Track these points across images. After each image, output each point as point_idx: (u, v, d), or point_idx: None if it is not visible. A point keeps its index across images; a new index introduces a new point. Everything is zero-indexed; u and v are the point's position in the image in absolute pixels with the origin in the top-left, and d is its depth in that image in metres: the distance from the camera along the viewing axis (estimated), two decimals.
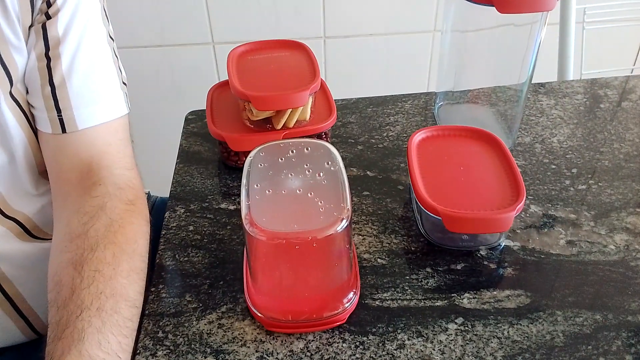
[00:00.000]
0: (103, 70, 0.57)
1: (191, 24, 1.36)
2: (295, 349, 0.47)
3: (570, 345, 0.47)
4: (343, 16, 1.39)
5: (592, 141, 0.72)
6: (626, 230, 0.58)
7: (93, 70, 0.56)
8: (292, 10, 1.37)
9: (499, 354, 0.46)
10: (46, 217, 0.62)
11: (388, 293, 0.52)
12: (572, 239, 0.57)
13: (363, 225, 0.59)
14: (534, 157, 0.69)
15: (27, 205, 0.60)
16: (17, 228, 0.59)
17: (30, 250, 0.61)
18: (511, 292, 0.52)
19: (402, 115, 0.78)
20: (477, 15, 0.65)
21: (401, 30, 1.43)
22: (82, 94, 0.55)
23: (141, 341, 0.48)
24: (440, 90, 0.76)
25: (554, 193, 0.63)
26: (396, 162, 0.69)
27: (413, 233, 0.59)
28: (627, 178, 0.65)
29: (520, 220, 0.60)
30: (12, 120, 0.54)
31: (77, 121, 0.54)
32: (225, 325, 0.49)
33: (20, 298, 0.61)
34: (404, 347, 0.47)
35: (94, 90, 0.56)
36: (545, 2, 0.58)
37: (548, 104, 0.80)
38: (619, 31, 1.31)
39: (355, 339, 0.48)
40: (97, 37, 0.57)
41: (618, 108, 0.80)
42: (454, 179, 0.57)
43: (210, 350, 0.47)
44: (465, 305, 0.51)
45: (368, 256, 0.56)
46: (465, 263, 0.55)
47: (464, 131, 0.63)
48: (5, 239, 0.58)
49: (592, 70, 1.21)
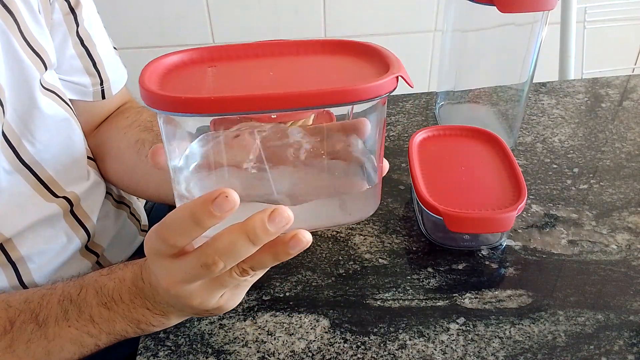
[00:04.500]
0: (106, 37, 0.64)
1: (191, 24, 1.36)
2: (297, 349, 0.47)
3: (572, 345, 0.47)
4: (344, 16, 1.39)
5: (594, 140, 0.72)
6: (628, 229, 0.58)
7: (105, 38, 0.63)
8: (293, 11, 1.37)
9: (500, 354, 0.46)
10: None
11: (389, 293, 0.52)
12: (574, 238, 0.57)
13: (364, 225, 0.59)
14: (535, 156, 0.69)
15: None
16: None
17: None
18: (513, 292, 0.52)
19: (403, 115, 0.78)
20: (478, 14, 0.65)
21: (402, 30, 1.43)
22: (109, 60, 0.63)
23: (142, 341, 0.48)
24: (441, 90, 0.76)
25: (556, 192, 0.63)
26: (397, 161, 0.69)
27: (414, 233, 0.59)
28: (628, 177, 0.65)
29: (521, 220, 0.60)
30: (61, 106, 0.56)
31: (112, 89, 0.64)
32: (226, 325, 0.49)
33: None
34: (405, 347, 0.47)
35: (113, 56, 0.65)
36: (546, 1, 0.58)
37: (549, 104, 0.80)
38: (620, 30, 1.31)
39: (357, 339, 0.48)
40: (92, 4, 0.62)
41: (619, 107, 0.80)
42: (455, 179, 0.57)
43: (211, 350, 0.47)
44: (467, 305, 0.51)
45: (369, 256, 0.56)
46: (467, 263, 0.55)
47: (465, 131, 0.63)
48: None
49: (593, 70, 1.21)
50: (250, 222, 0.32)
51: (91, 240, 0.60)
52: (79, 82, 0.60)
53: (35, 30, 0.52)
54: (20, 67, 0.50)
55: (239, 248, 0.32)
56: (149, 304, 0.42)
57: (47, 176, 0.54)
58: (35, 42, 0.52)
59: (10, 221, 0.51)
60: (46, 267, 0.55)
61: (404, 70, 0.33)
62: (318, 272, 0.54)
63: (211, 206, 0.30)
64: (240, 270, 0.35)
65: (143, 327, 0.43)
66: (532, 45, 0.64)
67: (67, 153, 0.57)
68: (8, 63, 0.49)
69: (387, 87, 0.32)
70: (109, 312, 0.43)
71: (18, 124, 0.51)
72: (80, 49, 0.59)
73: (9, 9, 0.49)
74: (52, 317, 0.43)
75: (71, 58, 0.58)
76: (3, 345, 0.43)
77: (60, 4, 0.55)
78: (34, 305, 0.44)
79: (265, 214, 0.32)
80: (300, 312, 0.50)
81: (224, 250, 0.33)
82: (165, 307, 0.42)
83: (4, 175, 0.50)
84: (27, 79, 0.50)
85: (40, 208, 0.54)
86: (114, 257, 0.65)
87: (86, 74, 0.60)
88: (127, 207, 0.70)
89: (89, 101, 0.62)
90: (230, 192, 0.30)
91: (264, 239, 0.32)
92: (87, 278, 0.45)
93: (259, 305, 0.51)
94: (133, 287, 0.42)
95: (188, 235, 0.33)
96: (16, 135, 0.51)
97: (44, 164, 0.54)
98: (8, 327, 0.44)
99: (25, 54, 0.50)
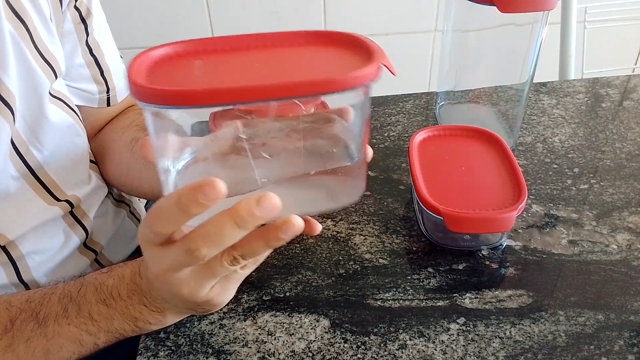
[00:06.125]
0: (114, 46, 0.65)
1: (191, 24, 1.36)
2: (297, 349, 0.47)
3: (572, 345, 0.47)
4: (344, 16, 1.39)
5: (594, 140, 0.72)
6: (628, 229, 0.58)
7: (113, 46, 0.64)
8: (293, 11, 1.37)
9: (500, 354, 0.46)
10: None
11: (390, 293, 0.52)
12: (574, 238, 0.57)
13: (364, 225, 0.59)
14: (536, 156, 0.69)
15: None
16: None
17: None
18: (513, 292, 0.52)
19: (403, 115, 0.78)
20: (478, 14, 0.65)
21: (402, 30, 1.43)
22: (116, 70, 0.63)
23: (143, 342, 0.48)
24: (442, 90, 0.76)
25: (556, 192, 0.63)
26: (397, 162, 0.69)
27: (414, 233, 0.59)
28: (629, 177, 0.65)
29: (521, 220, 0.60)
30: (67, 113, 0.56)
31: (117, 97, 0.65)
32: (226, 325, 0.49)
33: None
34: (405, 348, 0.47)
35: (120, 64, 0.65)
36: (546, 1, 0.58)
37: (549, 104, 0.80)
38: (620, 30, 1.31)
39: (357, 339, 0.48)
40: (102, 14, 0.62)
41: (619, 107, 0.80)
42: (456, 179, 0.57)
43: (211, 350, 0.47)
44: (467, 305, 0.51)
45: (369, 256, 0.56)
46: (467, 263, 0.55)
47: (465, 131, 0.63)
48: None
49: (594, 70, 1.21)
50: (236, 206, 0.32)
51: (89, 237, 0.60)
52: (85, 90, 0.60)
53: (47, 39, 0.52)
54: (31, 75, 0.50)
55: (225, 232, 0.32)
56: (146, 300, 0.42)
57: (50, 181, 0.55)
58: (46, 51, 0.52)
59: (13, 224, 0.52)
60: (45, 264, 0.56)
61: (387, 59, 0.34)
62: (318, 272, 0.54)
63: (198, 193, 0.31)
64: (231, 259, 0.35)
65: (140, 325, 0.43)
66: (532, 45, 0.64)
67: (71, 158, 0.57)
68: (20, 72, 0.49)
69: (370, 76, 0.32)
70: (108, 309, 0.43)
71: (26, 132, 0.51)
72: (88, 57, 0.59)
73: (21, 18, 0.49)
74: (52, 315, 0.43)
75: (79, 66, 0.59)
76: (4, 344, 0.43)
77: (71, 14, 0.56)
78: (34, 304, 0.44)
79: (252, 198, 0.32)
80: (301, 312, 0.50)
81: (209, 234, 0.33)
82: (161, 303, 0.42)
83: (11, 181, 0.51)
84: (37, 88, 0.51)
85: (42, 211, 0.54)
86: (113, 255, 0.65)
87: (93, 82, 0.61)
88: (126, 205, 0.70)
89: (94, 107, 0.63)
90: (217, 181, 0.31)
91: (250, 223, 0.32)
92: (88, 276, 0.45)
93: (259, 305, 0.51)
94: (131, 283, 0.42)
95: (173, 222, 0.33)
96: (24, 143, 0.51)
97: (48, 169, 0.54)
98: (9, 326, 0.44)
99: (36, 62, 0.50)
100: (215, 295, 0.39)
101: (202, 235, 0.33)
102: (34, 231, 0.53)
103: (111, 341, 0.44)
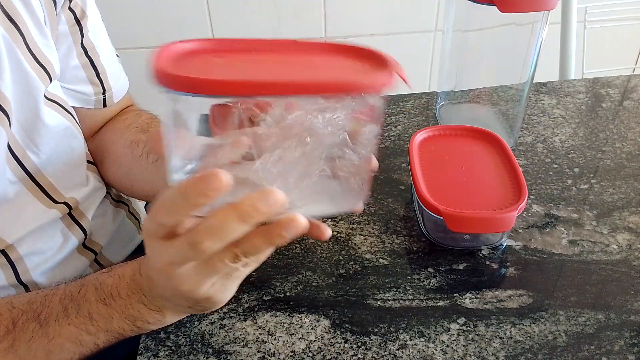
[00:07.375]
0: (110, 47, 0.64)
1: (192, 25, 1.36)
2: (297, 349, 0.47)
3: (572, 345, 0.47)
4: (344, 16, 1.39)
5: (594, 140, 0.72)
6: (628, 229, 0.58)
7: (109, 47, 0.63)
8: (293, 11, 1.37)
9: (501, 354, 0.46)
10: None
11: (390, 293, 0.52)
12: (574, 238, 0.57)
13: (365, 225, 0.59)
14: (536, 156, 0.69)
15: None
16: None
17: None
18: (513, 291, 0.52)
19: (404, 115, 0.78)
20: (478, 14, 0.65)
21: (402, 30, 1.43)
22: (112, 70, 0.63)
23: (143, 342, 0.48)
24: (442, 90, 0.76)
25: (556, 192, 0.63)
26: (398, 162, 0.69)
27: (415, 233, 0.59)
28: (629, 177, 0.65)
29: (522, 219, 0.60)
30: (63, 116, 0.56)
31: (114, 98, 0.64)
32: (227, 325, 0.49)
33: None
34: (405, 348, 0.47)
35: (116, 65, 0.65)
36: (546, 1, 0.58)
37: (550, 104, 0.80)
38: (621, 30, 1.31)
39: (357, 339, 0.48)
40: (98, 14, 0.62)
41: (620, 107, 0.80)
42: (456, 179, 0.57)
43: (212, 350, 0.47)
44: (467, 305, 0.51)
45: (370, 256, 0.56)
46: (467, 263, 0.55)
47: (466, 131, 0.63)
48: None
49: (594, 70, 1.21)
50: (241, 200, 0.32)
51: (89, 238, 0.60)
52: (81, 91, 0.60)
53: (41, 43, 0.52)
54: (25, 79, 0.50)
55: (229, 226, 0.32)
56: (145, 299, 0.42)
57: (48, 183, 0.55)
58: (40, 54, 0.52)
59: (12, 228, 0.52)
60: (44, 265, 0.56)
61: (402, 71, 0.35)
62: (318, 272, 0.54)
63: (202, 184, 0.31)
64: (233, 256, 0.35)
65: (139, 325, 0.43)
66: (532, 45, 0.64)
67: (68, 161, 0.57)
68: (14, 76, 0.49)
69: (384, 83, 0.34)
70: (107, 308, 0.43)
71: (22, 136, 0.51)
72: (84, 59, 0.59)
73: (14, 21, 0.49)
74: (53, 315, 0.43)
75: (75, 68, 0.59)
76: (5, 345, 0.43)
77: (66, 15, 0.55)
78: (36, 305, 0.45)
79: (257, 193, 0.32)
80: (301, 312, 0.50)
81: (212, 228, 0.33)
82: (160, 302, 0.42)
83: (9, 186, 0.51)
84: (32, 92, 0.51)
85: (41, 214, 0.54)
86: (112, 255, 0.65)
87: (89, 83, 0.61)
88: (125, 205, 0.70)
89: (90, 108, 0.63)
90: (223, 172, 0.31)
91: (254, 217, 0.32)
92: (89, 277, 0.45)
93: (260, 305, 0.51)
94: (131, 282, 0.42)
95: (177, 212, 0.33)
96: (20, 147, 0.51)
97: (46, 172, 0.54)
98: (11, 327, 0.44)
99: (30, 66, 0.50)
100: (215, 293, 0.39)
101: (205, 229, 0.33)
102: (32, 233, 0.54)
103: (111, 341, 0.44)
